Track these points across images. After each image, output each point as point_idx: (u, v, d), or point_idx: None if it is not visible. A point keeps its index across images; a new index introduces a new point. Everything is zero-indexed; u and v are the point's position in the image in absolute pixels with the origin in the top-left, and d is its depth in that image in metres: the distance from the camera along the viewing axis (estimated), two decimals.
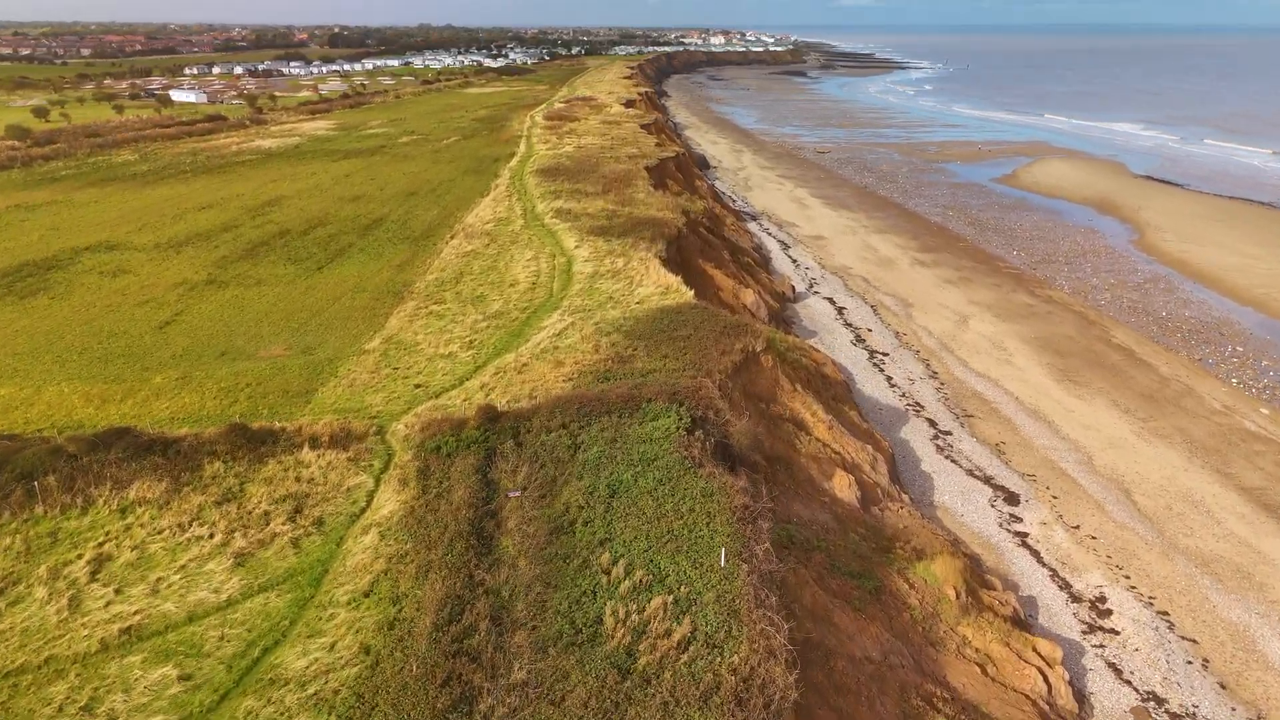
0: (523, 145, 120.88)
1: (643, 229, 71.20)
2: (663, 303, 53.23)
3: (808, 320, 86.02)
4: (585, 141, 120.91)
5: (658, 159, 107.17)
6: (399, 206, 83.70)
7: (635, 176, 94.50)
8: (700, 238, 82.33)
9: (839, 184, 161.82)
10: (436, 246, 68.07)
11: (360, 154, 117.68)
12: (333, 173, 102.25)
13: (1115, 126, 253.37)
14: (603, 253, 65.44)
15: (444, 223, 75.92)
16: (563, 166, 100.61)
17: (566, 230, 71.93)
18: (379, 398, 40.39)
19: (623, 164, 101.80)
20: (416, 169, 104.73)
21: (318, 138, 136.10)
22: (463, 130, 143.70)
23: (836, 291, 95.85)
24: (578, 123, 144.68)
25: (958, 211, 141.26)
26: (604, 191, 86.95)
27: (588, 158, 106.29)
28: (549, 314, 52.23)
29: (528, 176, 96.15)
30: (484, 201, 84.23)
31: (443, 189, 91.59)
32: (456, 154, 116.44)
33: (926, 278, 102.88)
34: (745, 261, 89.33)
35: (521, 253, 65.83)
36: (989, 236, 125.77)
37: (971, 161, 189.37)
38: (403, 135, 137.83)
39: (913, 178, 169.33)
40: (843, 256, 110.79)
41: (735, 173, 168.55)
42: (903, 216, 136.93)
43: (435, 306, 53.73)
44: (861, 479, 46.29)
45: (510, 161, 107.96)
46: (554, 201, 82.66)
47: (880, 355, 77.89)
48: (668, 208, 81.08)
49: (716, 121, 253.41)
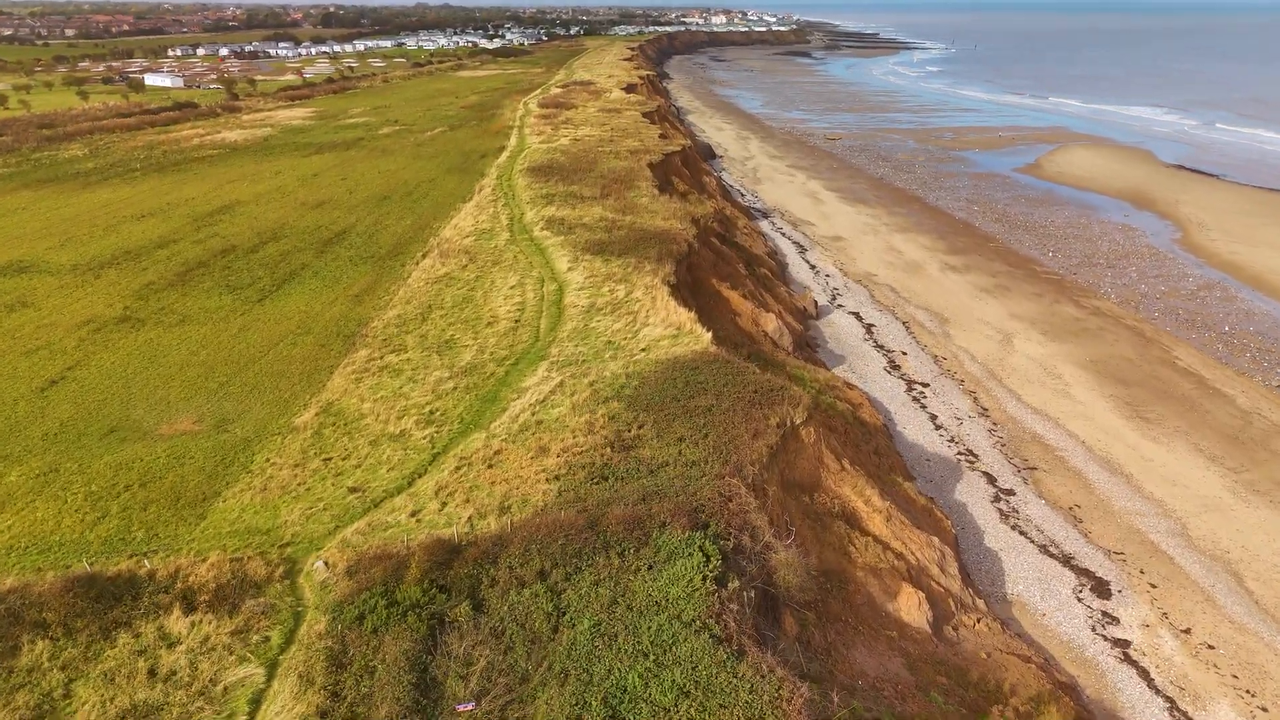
0: (514, 138, 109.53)
1: (647, 245, 60.36)
2: (674, 350, 42.54)
3: (833, 341, 75.26)
4: (582, 133, 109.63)
5: (662, 154, 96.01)
6: (368, 215, 72.63)
7: (637, 176, 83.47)
8: (712, 250, 71.50)
9: (854, 175, 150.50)
10: (404, 269, 57.23)
11: (334, 148, 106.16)
12: (300, 171, 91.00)
13: (1132, 111, 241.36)
14: (600, 277, 54.65)
15: (417, 236, 65.00)
16: (556, 164, 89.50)
17: (559, 246, 61.09)
18: (298, 509, 29.82)
19: (623, 160, 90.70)
20: (394, 167, 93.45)
21: (291, 128, 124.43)
22: (450, 120, 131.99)
23: (862, 304, 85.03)
24: (575, 111, 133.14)
25: (983, 206, 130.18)
26: (602, 195, 75.98)
27: (585, 153, 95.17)
28: (533, 367, 41.56)
29: (517, 176, 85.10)
30: (465, 208, 73.15)
31: (420, 192, 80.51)
32: (440, 148, 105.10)
33: (959, 286, 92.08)
34: (761, 274, 78.48)
35: (504, 277, 54.99)
36: (1020, 235, 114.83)
37: (991, 149, 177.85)
38: (384, 125, 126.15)
39: (931, 168, 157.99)
40: (865, 261, 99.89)
41: (743, 163, 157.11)
42: (925, 212, 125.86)
43: (392, 357, 42.96)
44: (930, 588, 36.01)
45: (499, 157, 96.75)
46: (545, 208, 71.72)
47: (920, 387, 67.25)
48: (675, 215, 70.17)
49: (721, 106, 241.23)
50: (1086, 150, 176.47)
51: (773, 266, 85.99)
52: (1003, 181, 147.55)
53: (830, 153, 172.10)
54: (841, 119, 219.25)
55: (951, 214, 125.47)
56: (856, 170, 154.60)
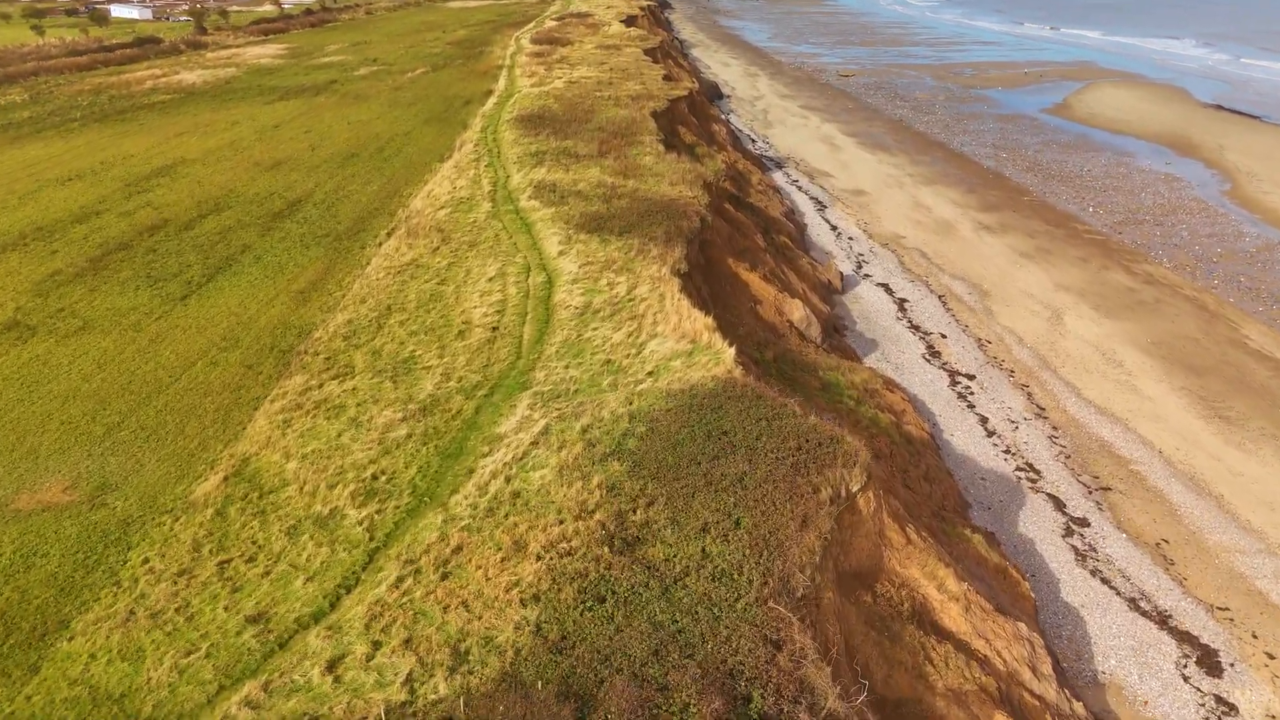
0: (502, 79, 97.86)
1: (653, 220, 50.37)
2: (689, 375, 33.18)
3: (862, 322, 65.66)
4: (579, 74, 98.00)
5: (666, 100, 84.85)
6: (330, 178, 62.26)
7: (640, 127, 72.75)
8: (726, 219, 61.42)
9: (871, 117, 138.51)
10: (364, 252, 47.41)
11: (303, 93, 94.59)
12: (260, 121, 79.98)
13: (1156, 44, 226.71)
14: (598, 264, 44.89)
15: (383, 207, 54.98)
16: (549, 113, 78.53)
17: (549, 221, 51.08)
18: (170, 657, 20.81)
19: (624, 108, 79.69)
20: (367, 116, 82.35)
21: (258, 68, 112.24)
22: (434, 59, 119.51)
23: (892, 274, 75.13)
24: (571, 48, 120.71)
25: (1012, 153, 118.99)
26: (600, 153, 65.49)
27: (581, 99, 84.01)
28: (512, 401, 32.28)
29: (504, 128, 74.27)
30: (443, 169, 62.73)
31: (393, 148, 69.96)
32: (421, 92, 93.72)
33: (996, 249, 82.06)
34: (780, 242, 68.45)
35: (482, 265, 45.22)
36: (1055, 187, 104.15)
37: (1015, 87, 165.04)
38: (362, 66, 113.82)
39: (952, 108, 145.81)
40: (891, 220, 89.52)
41: (752, 104, 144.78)
42: (950, 160, 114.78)
43: (334, 386, 33.53)
44: (1023, 701, 27.61)
45: (485, 104, 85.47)
46: (535, 170, 61.38)
47: (964, 379, 57.95)
48: (684, 179, 59.88)
49: (726, 39, 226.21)
50: (1117, 88, 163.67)
51: (791, 231, 75.83)
52: (1031, 124, 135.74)
53: (844, 91, 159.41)
54: (854, 53, 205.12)
55: (979, 162, 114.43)
56: (874, 111, 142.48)
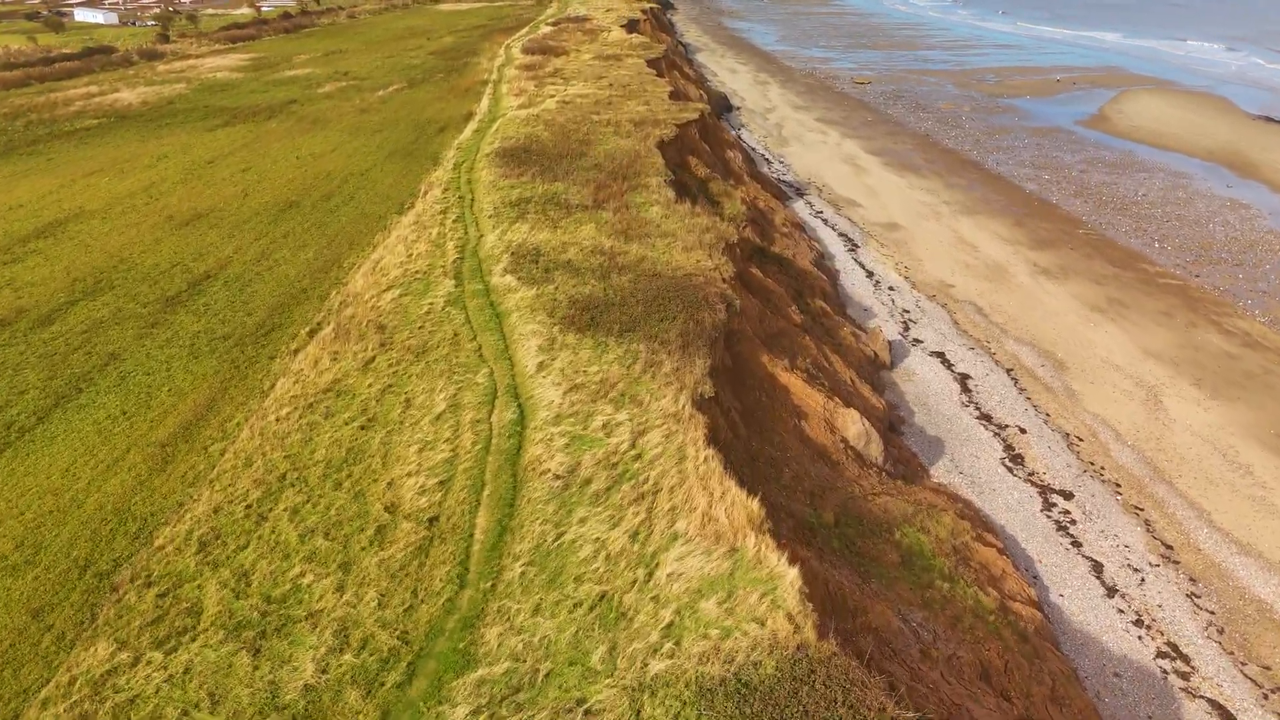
0: (486, 99, 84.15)
1: (664, 309, 37.07)
2: (731, 640, 20.00)
3: (920, 411, 52.26)
4: (574, 92, 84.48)
5: (674, 125, 71.39)
6: (257, 239, 48.65)
7: (645, 165, 59.38)
8: (755, 289, 48.11)
9: (894, 131, 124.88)
10: (272, 365, 34.28)
11: (254, 116, 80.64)
12: (193, 155, 66.38)
13: (1183, 47, 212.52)
14: (591, 388, 31.60)
15: (314, 286, 41.69)
16: (537, 144, 65.11)
17: (527, 311, 37.70)
18: None
19: (626, 138, 66.30)
20: (321, 147, 68.77)
21: (211, 84, 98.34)
22: (412, 72, 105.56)
23: (946, 338, 61.77)
24: (566, 58, 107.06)
25: (1054, 174, 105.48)
26: (596, 201, 52.12)
27: (575, 124, 70.57)
28: (442, 702, 19.25)
29: (482, 165, 60.85)
30: (401, 225, 49.24)
31: (344, 193, 56.59)
32: (391, 115, 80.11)
33: (1061, 301, 68.69)
34: (817, 308, 55.02)
35: (430, 390, 31.92)
36: (1111, 216, 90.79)
37: (1044, 96, 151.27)
38: (329, 80, 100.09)
39: (980, 120, 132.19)
40: (935, 262, 76.11)
41: (764, 116, 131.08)
42: (988, 183, 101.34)
43: (155, 659, 20.46)
44: None
45: (463, 131, 71.82)
46: (514, 227, 47.96)
47: (1060, 501, 44.58)
48: (700, 240, 46.52)
49: (732, 42, 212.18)
50: (1154, 97, 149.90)
51: (825, 287, 62.37)
52: (1068, 139, 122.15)
53: (861, 101, 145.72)
54: (867, 57, 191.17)
55: (1020, 186, 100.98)
56: (896, 125, 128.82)
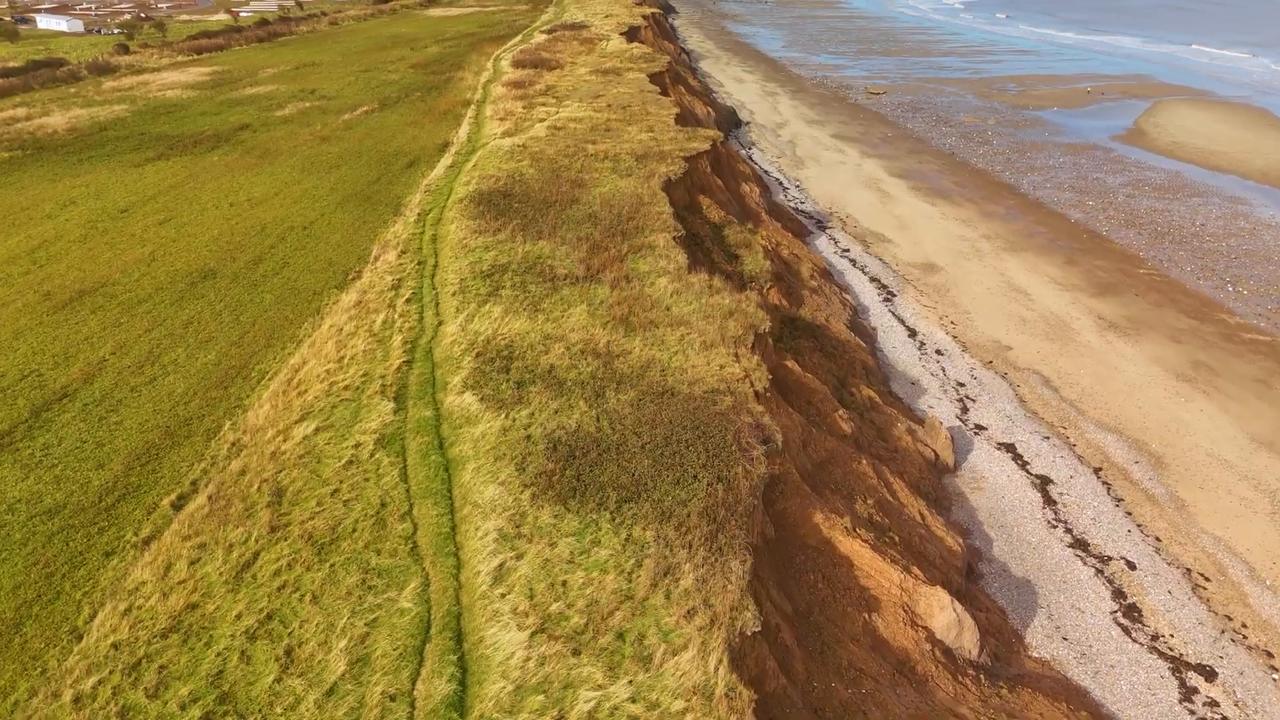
0: (466, 125, 72.48)
1: (681, 468, 25.54)
2: None
3: (999, 540, 40.72)
4: (567, 115, 72.97)
5: (683, 159, 59.90)
6: (146, 331, 36.71)
7: (649, 215, 47.92)
8: (795, 396, 36.84)
9: (916, 148, 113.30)
10: (101, 574, 23.11)
11: (196, 146, 68.42)
12: (107, 200, 54.07)
13: (1205, 51, 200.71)
14: (571, 633, 20.24)
15: (204, 412, 30.13)
16: (521, 185, 53.63)
17: (488, 463, 26.17)
18: None
19: (626, 176, 54.83)
20: (264, 189, 56.86)
21: (159, 104, 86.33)
22: (387, 90, 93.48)
23: (1013, 423, 50.21)
24: (560, 73, 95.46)
25: (1099, 199, 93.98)
26: (590, 270, 40.68)
27: (567, 159, 59.14)
28: None
29: (452, 215, 49.37)
30: (339, 307, 37.78)
31: (276, 257, 44.98)
32: (354, 145, 68.21)
33: (1139, 368, 57.16)
34: (863, 399, 43.58)
35: (323, 637, 20.59)
36: (1171, 251, 79.37)
37: (1072, 107, 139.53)
38: (293, 100, 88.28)
39: (1008, 136, 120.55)
40: (985, 316, 64.62)
41: (775, 132, 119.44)
42: (1028, 211, 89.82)
43: None
44: None
45: (435, 167, 60.19)
46: (483, 312, 36.53)
47: (1201, 683, 33.18)
48: (721, 330, 35.01)
49: (737, 48, 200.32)
50: (1190, 109, 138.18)
51: (867, 360, 50.80)
52: (1106, 157, 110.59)
53: (879, 114, 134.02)
54: (880, 65, 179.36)
55: (1063, 213, 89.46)
56: (919, 141, 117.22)
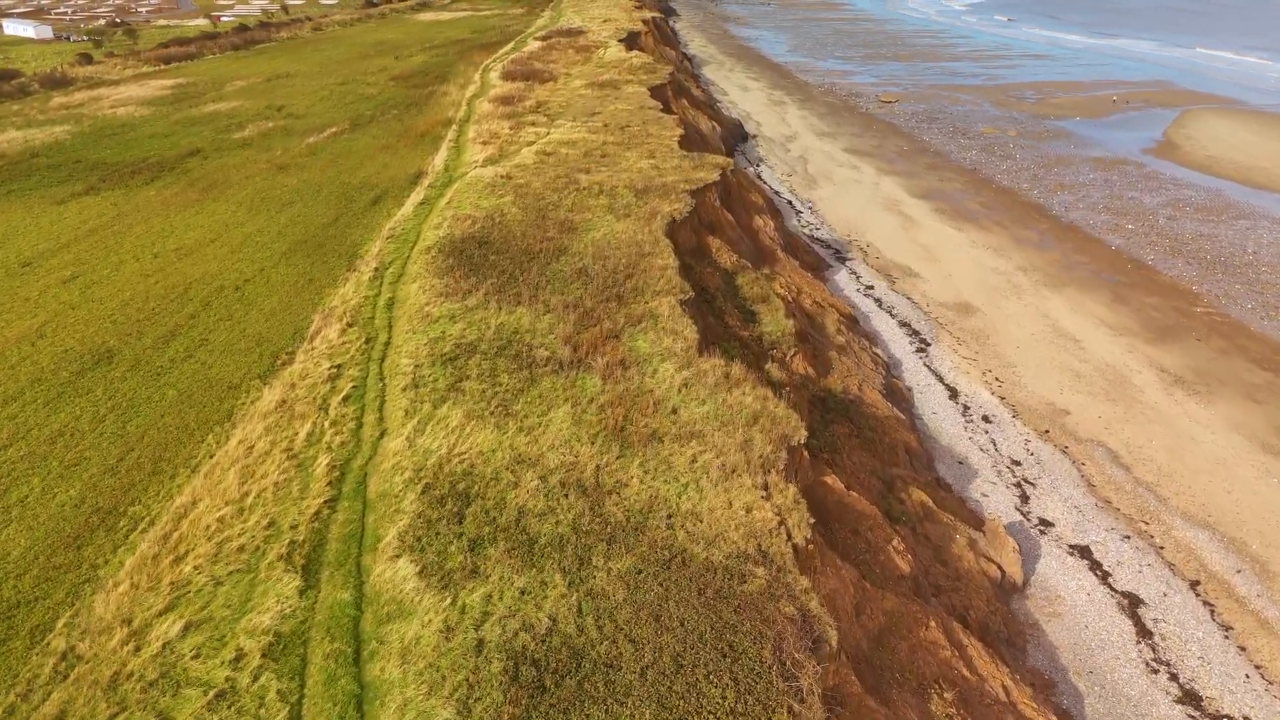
0: (444, 150, 63.59)
1: (699, 706, 17.49)
2: None
3: (1091, 694, 31.51)
4: (559, 137, 64.41)
5: (688, 193, 51.32)
6: (2, 452, 29.07)
7: (650, 270, 39.40)
8: (840, 526, 28.47)
9: (937, 164, 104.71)
10: None
11: (134, 175, 58.45)
12: (10, 250, 44.30)
13: (1222, 55, 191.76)
14: None
15: (36, 597, 22.19)
16: (500, 229, 45.09)
17: (419, 706, 18.15)
18: None
19: (624, 219, 46.31)
20: (199, 233, 47.67)
21: (105, 125, 76.87)
22: (362, 106, 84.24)
23: (1084, 516, 41.67)
24: (553, 86, 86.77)
25: (1138, 222, 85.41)
26: (577, 353, 32.16)
27: (557, 193, 50.62)
28: None
29: (415, 274, 40.84)
30: (257, 412, 29.52)
31: (194, 335, 35.89)
32: (315, 176, 59.17)
33: (1220, 437, 48.57)
34: (915, 505, 35.07)
35: None
36: (1224, 284, 70.86)
37: (1095, 117, 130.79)
38: (256, 118, 79.39)
39: (1032, 150, 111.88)
40: (1033, 370, 56.02)
41: (784, 147, 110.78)
42: (1063, 237, 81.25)
43: None
44: None
45: (404, 204, 51.62)
46: (439, 416, 28.07)
47: None
48: (746, 453, 26.54)
49: (740, 52, 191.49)
50: (1220, 119, 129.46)
51: (909, 441, 42.20)
52: (1139, 173, 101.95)
53: (892, 125, 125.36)
54: (889, 70, 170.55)
55: (1102, 239, 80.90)
56: (938, 156, 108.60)
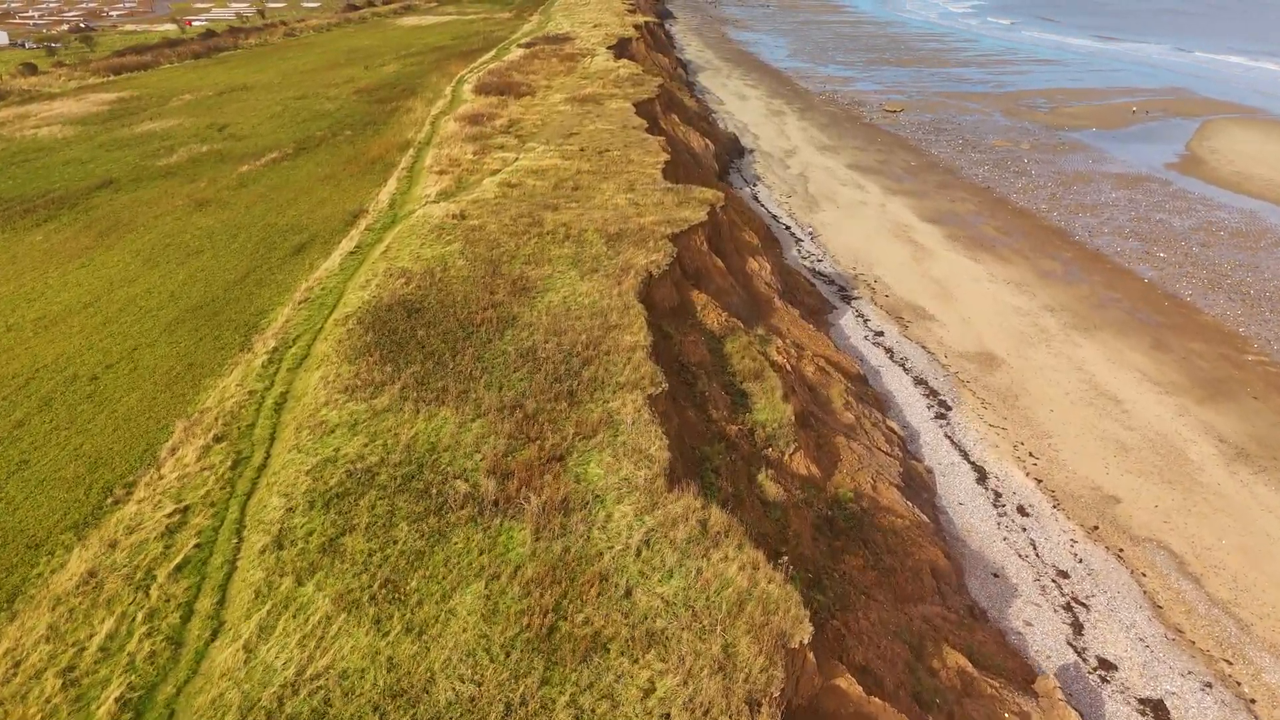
0: (395, 180, 55.19)
1: None
2: None
3: None
4: (527, 164, 55.99)
5: (669, 239, 42.99)
6: None
7: (614, 350, 31.00)
8: None
9: (947, 182, 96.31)
10: None
11: (25, 216, 49.69)
12: None
13: (1233, 60, 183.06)
14: None
15: None
16: (439, 287, 36.65)
17: None
18: None
19: (589, 275, 37.95)
20: (77, 294, 38.14)
21: (21, 148, 67.24)
22: (315, 125, 74.59)
23: (1154, 657, 32.81)
24: (529, 101, 78.33)
25: (1168, 248, 77.12)
26: (505, 486, 23.73)
27: (515, 240, 42.27)
28: None
29: (320, 356, 32.66)
30: (38, 605, 20.49)
31: (13, 457, 27.93)
32: (237, 215, 49.35)
33: None
34: (952, 676, 27.24)
35: None
36: (1275, 326, 62.83)
37: (1112, 128, 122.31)
38: (191, 140, 70.16)
39: (1047, 164, 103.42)
40: (1073, 443, 47.63)
41: (783, 163, 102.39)
42: (1089, 267, 72.82)
43: None
44: None
45: (330, 256, 43.01)
46: (296, 606, 19.72)
47: None
48: (731, 670, 18.45)
49: (739, 58, 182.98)
50: (1244, 130, 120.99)
51: (935, 556, 33.95)
52: (1165, 191, 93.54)
53: (897, 136, 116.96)
54: (893, 76, 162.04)
55: (1133, 271, 72.52)
56: (948, 172, 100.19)
